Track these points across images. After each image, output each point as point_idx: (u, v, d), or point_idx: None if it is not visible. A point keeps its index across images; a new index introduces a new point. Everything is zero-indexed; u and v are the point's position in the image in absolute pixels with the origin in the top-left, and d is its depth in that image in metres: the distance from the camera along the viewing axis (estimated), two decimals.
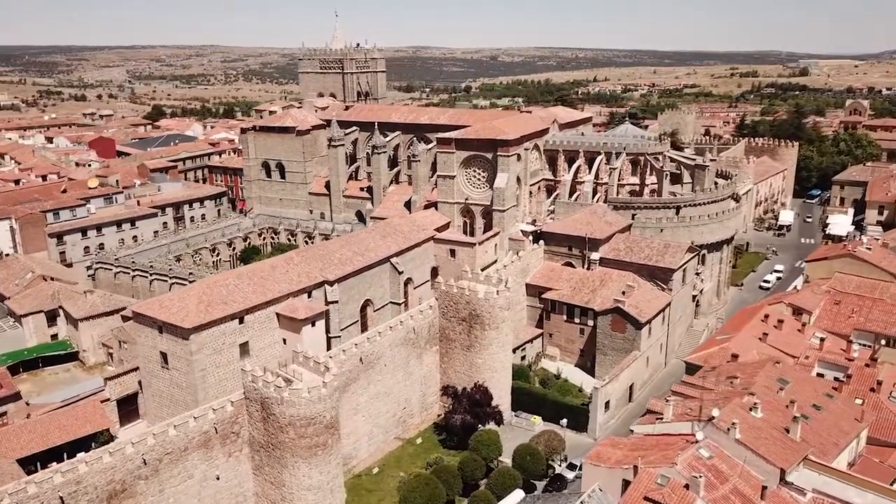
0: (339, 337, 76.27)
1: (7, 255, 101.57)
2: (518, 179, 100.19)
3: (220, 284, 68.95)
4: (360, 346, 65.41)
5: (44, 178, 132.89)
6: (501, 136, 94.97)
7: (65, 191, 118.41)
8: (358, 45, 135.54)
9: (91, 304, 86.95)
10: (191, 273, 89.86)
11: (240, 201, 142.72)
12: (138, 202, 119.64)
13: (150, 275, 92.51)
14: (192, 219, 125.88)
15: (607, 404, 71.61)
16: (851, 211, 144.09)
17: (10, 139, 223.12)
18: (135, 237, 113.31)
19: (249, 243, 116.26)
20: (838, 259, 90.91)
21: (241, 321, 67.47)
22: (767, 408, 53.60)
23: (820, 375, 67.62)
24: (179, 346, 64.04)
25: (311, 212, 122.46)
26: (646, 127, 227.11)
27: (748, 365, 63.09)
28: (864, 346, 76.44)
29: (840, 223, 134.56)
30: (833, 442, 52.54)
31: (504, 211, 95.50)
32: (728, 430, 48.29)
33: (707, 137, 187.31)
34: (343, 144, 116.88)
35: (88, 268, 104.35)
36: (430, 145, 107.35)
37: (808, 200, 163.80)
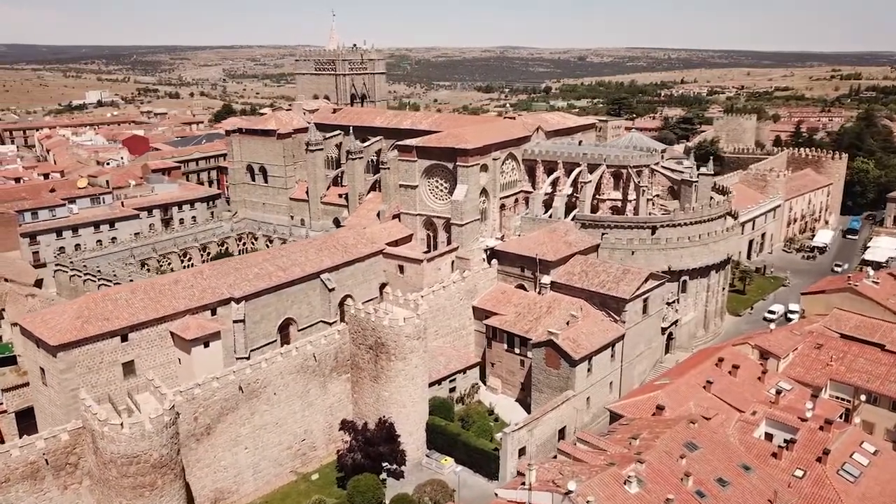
0: (248, 359, 71.24)
1: None
2: (485, 191, 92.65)
3: (109, 298, 65.24)
4: (238, 373, 60.09)
5: (46, 175, 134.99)
6: (461, 144, 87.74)
7: (53, 190, 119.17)
8: (354, 45, 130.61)
9: (29, 308, 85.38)
10: (131, 280, 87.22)
11: None
12: (122, 203, 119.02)
13: (98, 280, 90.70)
14: (181, 221, 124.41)
15: (523, 450, 63.43)
16: None
17: (62, 135, 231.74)
18: (113, 238, 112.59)
19: (226, 248, 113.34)
20: (838, 293, 78.93)
21: (125, 339, 63.45)
22: (655, 479, 44.98)
23: (769, 437, 57.57)
24: (51, 363, 60.70)
25: (291, 217, 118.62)
26: (701, 132, 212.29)
27: (662, 421, 53.84)
28: (842, 400, 65.50)
29: (882, 247, 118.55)
30: None
31: (462, 225, 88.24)
32: None
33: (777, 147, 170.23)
34: (321, 149, 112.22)
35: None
36: None
37: (849, 236, 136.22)
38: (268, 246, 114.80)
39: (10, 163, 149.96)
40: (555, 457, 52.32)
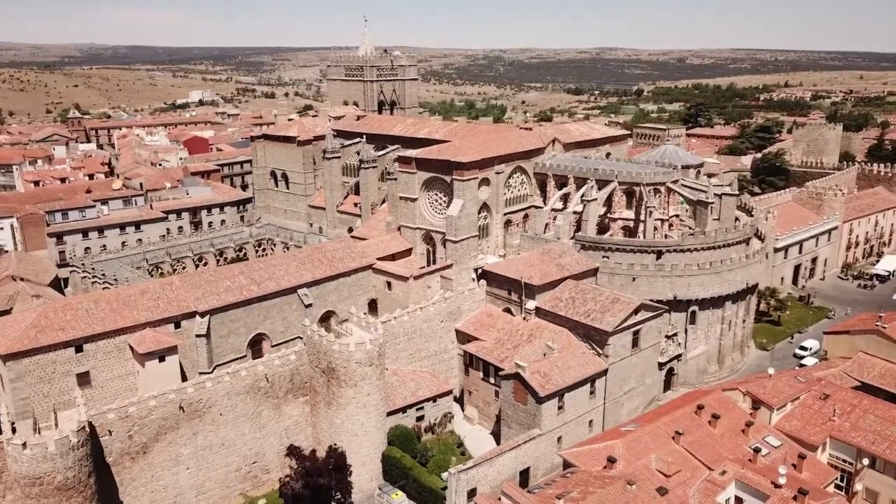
0: (211, 374, 69.86)
1: (6, 252, 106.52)
2: (486, 206, 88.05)
3: (68, 307, 65.36)
4: (179, 392, 58.59)
5: (91, 176, 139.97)
6: (457, 157, 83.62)
7: (89, 191, 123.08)
8: (385, 51, 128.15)
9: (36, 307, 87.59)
10: (128, 282, 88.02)
11: None
12: (151, 206, 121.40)
13: (102, 282, 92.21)
14: (210, 224, 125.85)
15: (473, 492, 58.81)
16: None
17: (136, 135, 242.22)
18: (139, 240, 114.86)
19: (244, 254, 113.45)
20: (863, 335, 69.82)
21: (80, 350, 63.26)
22: None
23: (738, 502, 50.62)
24: (3, 370, 61.19)
25: (310, 224, 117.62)
26: (780, 142, 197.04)
27: (600, 479, 48.21)
28: (845, 462, 57.25)
29: None
30: None
31: (457, 242, 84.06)
32: None
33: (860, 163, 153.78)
34: (338, 156, 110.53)
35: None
36: None
37: None
38: (284, 252, 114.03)
39: (60, 163, 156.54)
40: None
